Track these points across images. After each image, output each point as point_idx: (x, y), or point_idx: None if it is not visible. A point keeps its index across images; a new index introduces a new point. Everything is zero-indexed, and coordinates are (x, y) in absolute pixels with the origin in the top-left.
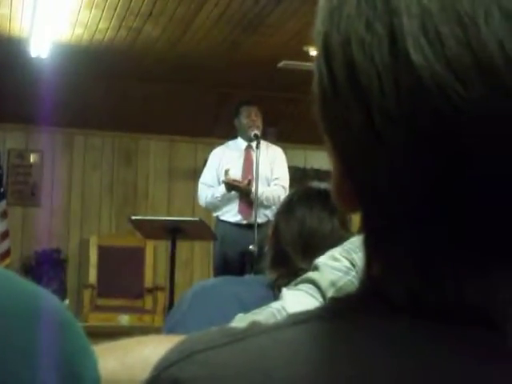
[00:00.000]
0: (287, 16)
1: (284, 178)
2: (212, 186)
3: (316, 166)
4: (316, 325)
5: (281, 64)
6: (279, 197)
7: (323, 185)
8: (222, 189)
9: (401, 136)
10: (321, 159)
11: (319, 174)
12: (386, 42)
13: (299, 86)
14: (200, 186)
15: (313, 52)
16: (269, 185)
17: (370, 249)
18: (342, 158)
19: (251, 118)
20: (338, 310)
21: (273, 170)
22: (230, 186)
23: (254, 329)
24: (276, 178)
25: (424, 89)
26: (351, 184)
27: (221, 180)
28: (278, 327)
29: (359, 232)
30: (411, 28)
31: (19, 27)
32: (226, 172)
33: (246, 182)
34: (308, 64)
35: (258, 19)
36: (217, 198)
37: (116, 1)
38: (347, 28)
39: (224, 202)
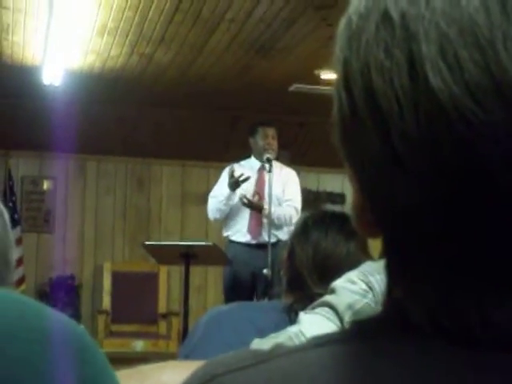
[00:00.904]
0: (298, 40)
1: (296, 200)
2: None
3: (329, 189)
4: (338, 347)
5: (292, 87)
6: (291, 217)
7: (338, 208)
8: (226, 190)
9: (421, 160)
10: (334, 182)
11: (332, 197)
12: (404, 67)
13: (311, 109)
14: (209, 200)
15: (324, 75)
16: (280, 205)
17: (392, 273)
18: (362, 183)
19: (268, 140)
20: (360, 333)
21: (285, 191)
22: (244, 203)
23: (277, 351)
24: (289, 199)
25: (443, 113)
26: (372, 209)
27: (234, 201)
28: (300, 349)
29: (380, 257)
30: (430, 52)
31: (32, 55)
32: (242, 196)
33: (256, 199)
34: (319, 87)
35: (270, 43)
36: (221, 201)
37: (128, 27)
38: (366, 54)
39: (230, 204)
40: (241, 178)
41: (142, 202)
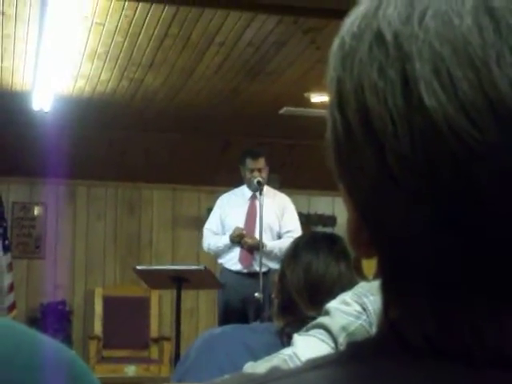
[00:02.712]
0: (288, 63)
1: (297, 230)
2: (216, 234)
3: (320, 212)
4: (335, 369)
5: (282, 110)
6: None
7: (328, 230)
8: (226, 240)
9: (416, 180)
10: (324, 204)
11: (323, 219)
12: (398, 87)
13: (301, 131)
14: (204, 232)
15: (314, 98)
16: (273, 234)
17: (387, 293)
18: (357, 203)
19: (254, 174)
20: (356, 354)
21: (284, 222)
22: (238, 240)
23: (273, 374)
24: (289, 231)
25: (438, 132)
26: (367, 230)
27: (225, 229)
28: (297, 372)
29: (375, 277)
30: (423, 72)
31: (21, 81)
32: (237, 229)
33: (253, 240)
34: (309, 110)
35: (259, 66)
36: (219, 247)
37: (117, 52)
38: (360, 74)
39: (226, 251)
40: (245, 239)
41: (132, 226)
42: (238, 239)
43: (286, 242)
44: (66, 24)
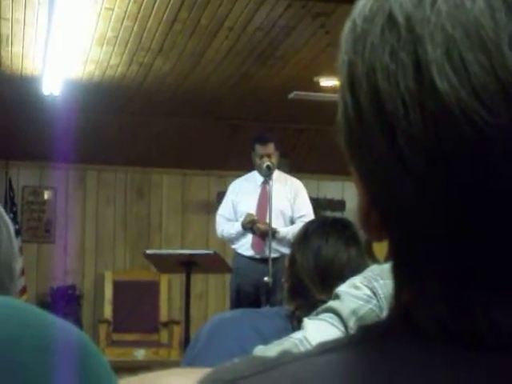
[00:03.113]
0: (297, 47)
1: (309, 215)
2: (230, 220)
3: (329, 196)
4: (347, 352)
5: (292, 95)
6: None
7: (338, 214)
8: (238, 227)
9: (427, 162)
10: (333, 189)
11: (332, 204)
12: (410, 70)
13: (310, 116)
14: (217, 218)
15: (323, 82)
16: (285, 219)
17: (399, 277)
18: (368, 187)
19: (263, 160)
20: (367, 337)
21: (297, 206)
22: (250, 226)
23: (285, 357)
24: (302, 216)
25: (449, 115)
26: (378, 213)
27: (238, 215)
28: (308, 356)
29: (386, 260)
30: (436, 55)
31: (31, 65)
32: (248, 215)
33: (265, 226)
34: (319, 94)
35: (269, 51)
36: (231, 234)
37: (127, 37)
38: (371, 57)
39: (238, 237)
40: (258, 225)
41: (142, 211)
42: (249, 225)
43: (298, 227)
44: (76, 8)
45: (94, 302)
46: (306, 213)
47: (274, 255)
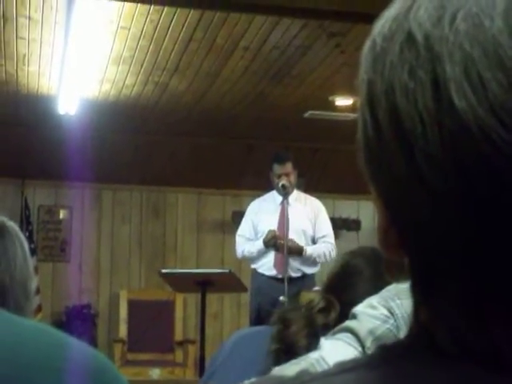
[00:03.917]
0: (312, 67)
1: (331, 235)
2: (250, 239)
3: (344, 215)
4: (365, 372)
5: (307, 114)
6: (330, 253)
7: (353, 234)
8: (260, 244)
9: (445, 181)
10: (349, 208)
11: (347, 223)
12: (429, 88)
13: (325, 135)
14: (237, 239)
15: (338, 102)
16: (306, 238)
17: (417, 295)
18: (386, 205)
19: (281, 179)
20: (386, 357)
21: (319, 227)
22: (273, 243)
23: (303, 377)
24: (324, 236)
25: (467, 133)
26: (396, 231)
27: (258, 235)
28: (326, 375)
29: (406, 279)
30: (454, 74)
31: (47, 85)
32: (270, 232)
33: (293, 243)
34: (334, 114)
35: (284, 70)
36: (252, 253)
37: (143, 56)
38: (390, 75)
39: (260, 256)
40: (278, 242)
41: (157, 230)
42: (272, 242)
43: (322, 247)
44: (92, 28)
45: (109, 321)
46: (328, 233)
47: (295, 274)
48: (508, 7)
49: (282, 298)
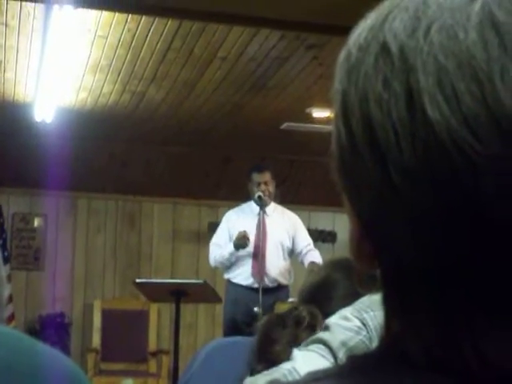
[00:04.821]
0: (290, 78)
1: (311, 242)
2: (222, 247)
3: (320, 227)
4: (336, 382)
5: (284, 126)
6: (319, 259)
7: (328, 246)
8: (230, 247)
9: (418, 191)
10: (324, 220)
11: (323, 235)
12: (402, 99)
13: (302, 147)
14: (211, 247)
15: (315, 113)
16: (283, 250)
17: (389, 307)
18: (360, 216)
19: (261, 187)
20: (357, 367)
21: (302, 239)
22: (243, 243)
23: None
24: (309, 244)
25: (441, 145)
26: (370, 242)
27: (233, 240)
28: None
29: (378, 290)
30: (428, 85)
31: (24, 92)
32: (240, 232)
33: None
34: (311, 126)
35: (261, 81)
36: (224, 256)
37: (120, 65)
38: (365, 86)
39: (232, 261)
40: (247, 242)
41: (132, 239)
42: (242, 241)
43: (315, 254)
44: (69, 36)
45: (83, 331)
46: (310, 241)
47: (271, 285)
48: (482, 20)
49: (256, 309)
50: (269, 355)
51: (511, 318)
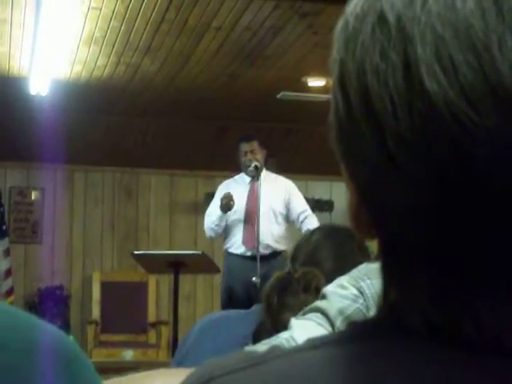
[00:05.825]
0: (285, 47)
1: (308, 208)
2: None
3: (317, 196)
4: (334, 349)
5: (280, 95)
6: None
7: (326, 215)
8: (218, 211)
9: (415, 161)
10: (321, 189)
11: (320, 204)
12: (399, 69)
13: (298, 116)
14: (205, 218)
15: (311, 82)
16: (277, 217)
17: (387, 275)
18: (357, 185)
19: (247, 156)
20: (356, 335)
21: (297, 204)
22: (227, 203)
23: (273, 353)
24: (305, 210)
25: (437, 115)
26: (367, 211)
27: (227, 215)
28: (297, 351)
29: (376, 258)
30: (425, 55)
31: (18, 65)
32: (224, 194)
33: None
34: (307, 94)
35: (256, 51)
36: (213, 221)
37: (114, 37)
38: (362, 56)
39: (221, 225)
40: (231, 203)
41: (130, 211)
42: (225, 201)
43: (313, 221)
44: (63, 9)
45: (82, 303)
46: (307, 207)
47: (265, 251)
48: None
49: (254, 278)
50: (279, 324)
51: (510, 288)
